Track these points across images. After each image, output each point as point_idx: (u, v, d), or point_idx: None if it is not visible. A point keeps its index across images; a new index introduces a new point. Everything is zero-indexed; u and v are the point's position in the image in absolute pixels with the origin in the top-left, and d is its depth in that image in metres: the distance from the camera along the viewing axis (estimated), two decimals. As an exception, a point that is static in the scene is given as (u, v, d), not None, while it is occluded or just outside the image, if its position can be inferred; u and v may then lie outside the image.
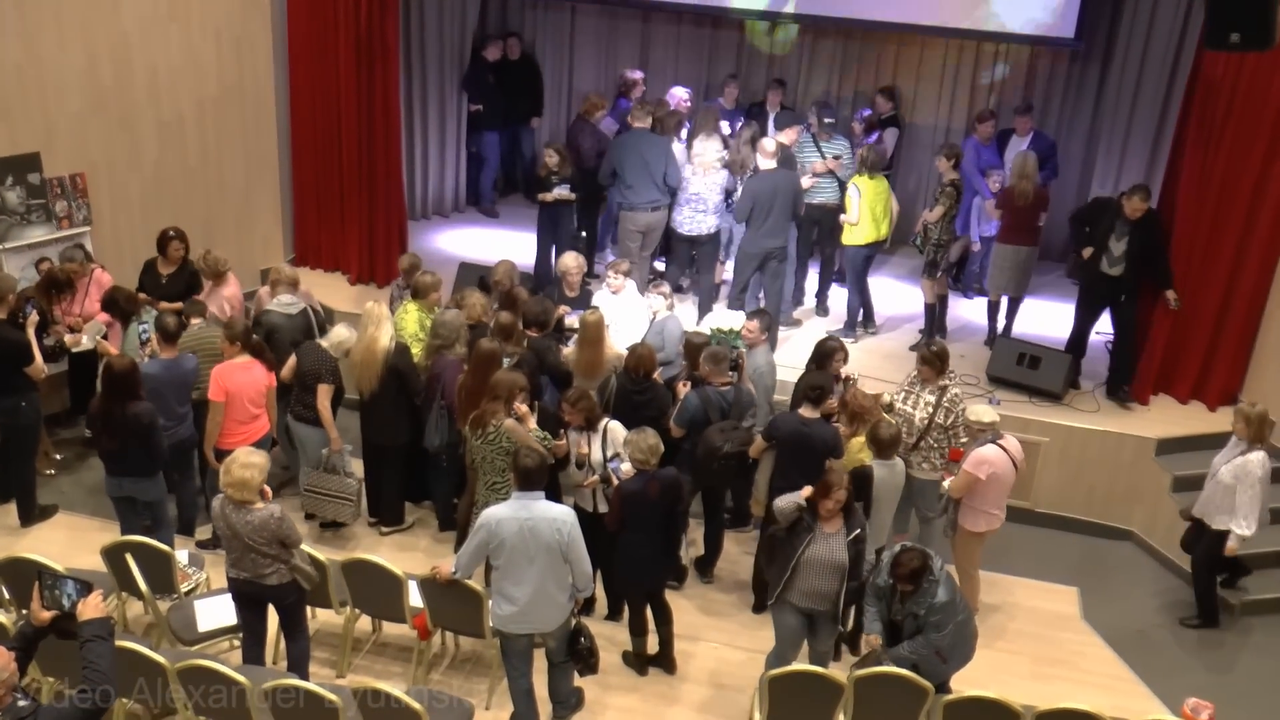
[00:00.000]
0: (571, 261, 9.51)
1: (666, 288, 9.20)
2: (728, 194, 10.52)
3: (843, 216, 10.37)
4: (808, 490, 6.47)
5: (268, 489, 6.28)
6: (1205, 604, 8.32)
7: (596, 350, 8.34)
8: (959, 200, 10.07)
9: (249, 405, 7.99)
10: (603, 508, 7.37)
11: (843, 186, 10.38)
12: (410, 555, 8.43)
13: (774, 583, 6.59)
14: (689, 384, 8.03)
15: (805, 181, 10.44)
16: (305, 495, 8.37)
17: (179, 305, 9.26)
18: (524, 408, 7.28)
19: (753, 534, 8.65)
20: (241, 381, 7.96)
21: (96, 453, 7.69)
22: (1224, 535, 7.94)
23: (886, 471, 7.26)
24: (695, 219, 10.40)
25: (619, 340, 8.75)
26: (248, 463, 6.16)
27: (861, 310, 10.77)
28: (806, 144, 10.68)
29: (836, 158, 10.64)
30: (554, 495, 7.17)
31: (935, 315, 10.44)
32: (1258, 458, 7.77)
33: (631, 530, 6.89)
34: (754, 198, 9.95)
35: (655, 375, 8.04)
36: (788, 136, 10.57)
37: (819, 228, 10.79)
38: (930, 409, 7.93)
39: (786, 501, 6.53)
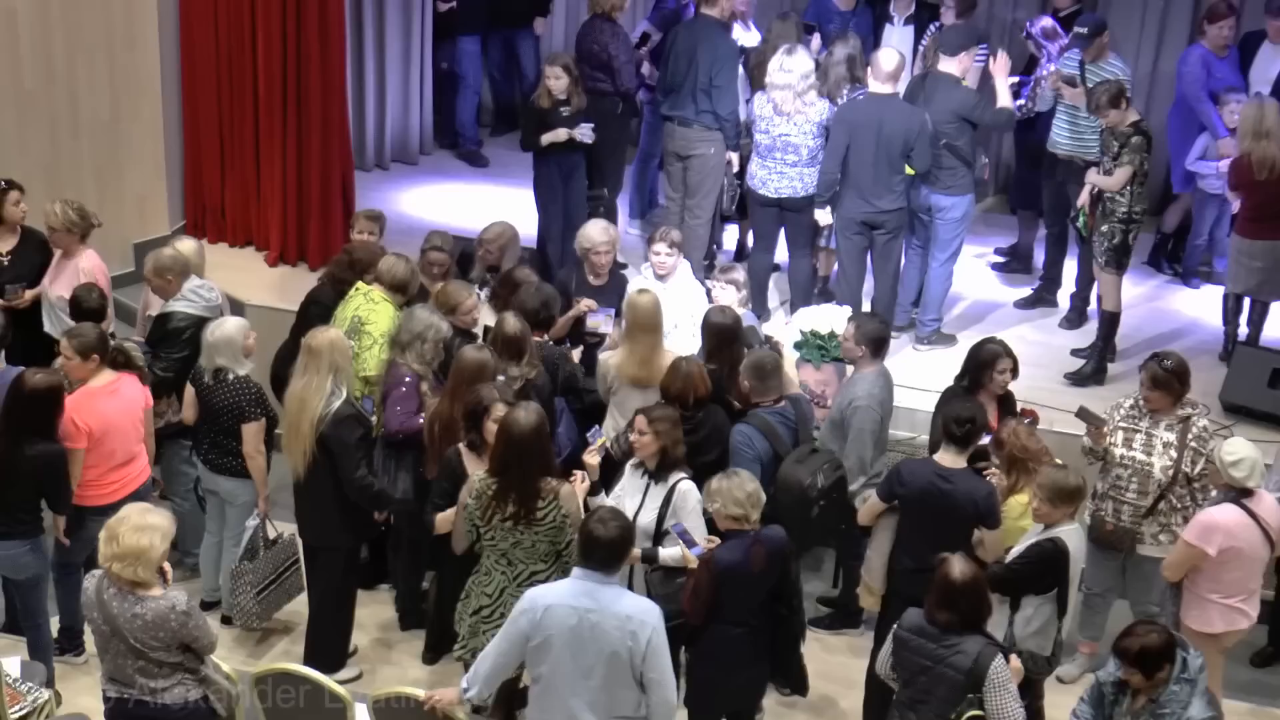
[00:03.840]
0: (598, 233, 9.46)
1: (740, 274, 9.14)
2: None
3: None
4: None
5: (168, 567, 6.30)
6: None
7: (652, 344, 8.37)
8: (1150, 150, 9.89)
9: (129, 442, 8.02)
10: (639, 592, 7.27)
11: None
12: (356, 664, 8.37)
13: None
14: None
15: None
16: (260, 600, 8.44)
17: (37, 292, 9.32)
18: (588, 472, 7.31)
19: (864, 636, 8.58)
20: (111, 412, 7.94)
21: None
22: None
23: (1077, 539, 7.28)
24: (784, 176, 10.33)
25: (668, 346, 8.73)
26: (143, 525, 6.14)
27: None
28: (1070, 61, 10.69)
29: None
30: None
31: (1115, 327, 10.31)
32: None
33: (727, 622, 6.89)
34: (849, 133, 9.94)
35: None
36: (958, 65, 10.34)
37: (1056, 189, 10.73)
38: (1174, 453, 7.92)
39: None
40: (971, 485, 7.43)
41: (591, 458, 7.50)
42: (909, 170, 10.01)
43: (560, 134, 10.59)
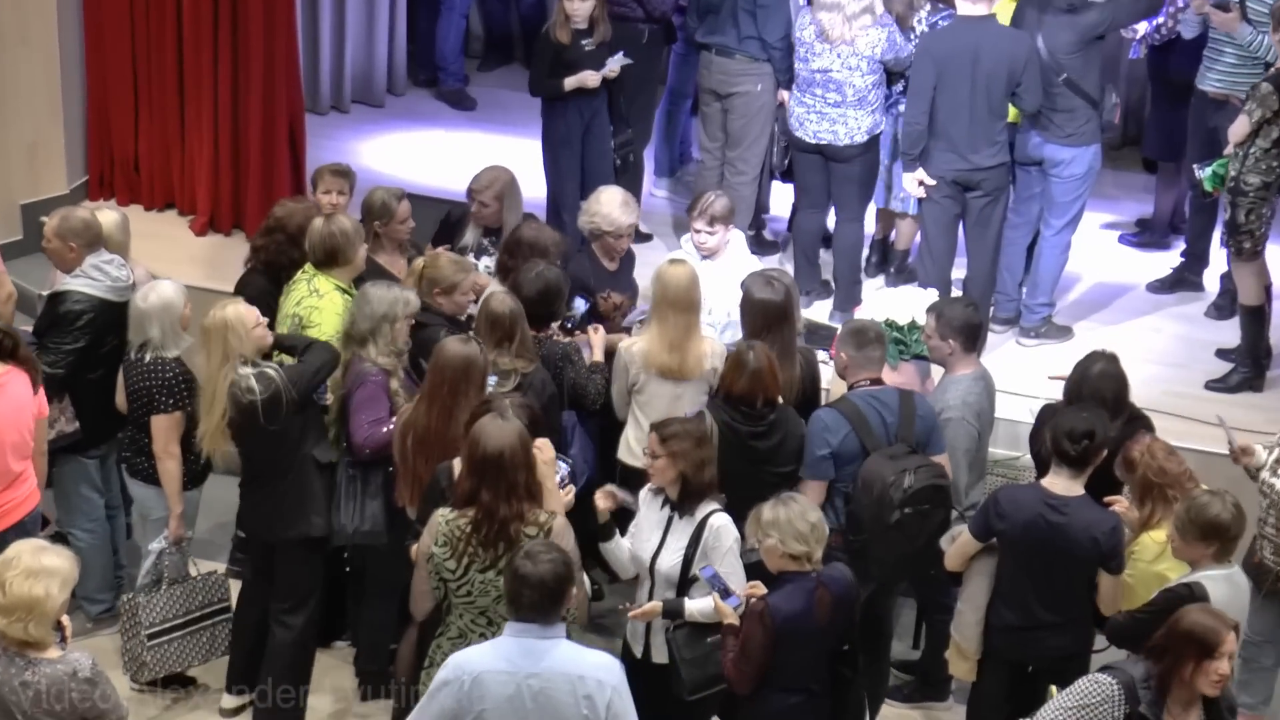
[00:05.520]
0: (620, 212, 9.44)
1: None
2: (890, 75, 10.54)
3: None
4: None
5: (67, 622, 6.34)
6: None
7: (685, 325, 8.43)
8: None
9: (9, 456, 7.94)
10: (659, 656, 7.48)
11: (1266, 66, 10.16)
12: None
13: None
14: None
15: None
16: (153, 647, 8.43)
17: None
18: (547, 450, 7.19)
19: (953, 711, 8.71)
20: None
21: None
22: None
23: (1227, 588, 7.12)
24: (824, 117, 10.36)
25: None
26: (38, 569, 6.12)
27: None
28: None
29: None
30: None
31: (1261, 324, 10.28)
32: None
33: (782, 689, 6.89)
34: (936, 68, 9.94)
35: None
36: None
37: (1206, 136, 10.67)
38: None
39: None
40: (1091, 517, 7.42)
41: (603, 501, 7.51)
42: (1012, 113, 9.93)
43: (588, 78, 10.60)
